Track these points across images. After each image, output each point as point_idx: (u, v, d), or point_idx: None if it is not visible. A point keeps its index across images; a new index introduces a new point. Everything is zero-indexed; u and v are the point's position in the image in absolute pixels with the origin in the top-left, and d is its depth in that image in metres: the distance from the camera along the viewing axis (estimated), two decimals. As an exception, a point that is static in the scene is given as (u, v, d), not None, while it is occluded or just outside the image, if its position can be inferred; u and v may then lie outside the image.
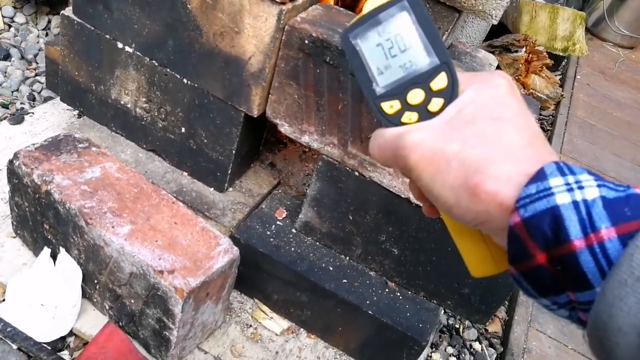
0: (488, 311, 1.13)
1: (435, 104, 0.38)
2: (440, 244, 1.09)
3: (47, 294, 1.05)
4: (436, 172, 0.35)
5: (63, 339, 1.05)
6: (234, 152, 1.17)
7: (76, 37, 1.20)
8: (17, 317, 1.03)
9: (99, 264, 1.00)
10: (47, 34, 1.83)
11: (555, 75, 2.78)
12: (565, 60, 3.05)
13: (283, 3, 0.95)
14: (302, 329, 1.22)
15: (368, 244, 1.17)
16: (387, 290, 1.18)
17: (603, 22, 3.62)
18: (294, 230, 1.23)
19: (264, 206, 1.27)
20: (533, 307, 1.51)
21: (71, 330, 1.05)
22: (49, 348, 1.02)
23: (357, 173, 1.09)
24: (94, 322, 1.07)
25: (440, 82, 0.39)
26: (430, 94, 0.39)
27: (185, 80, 1.13)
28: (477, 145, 0.34)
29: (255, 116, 1.10)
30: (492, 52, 2.18)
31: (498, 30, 2.37)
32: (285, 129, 1.10)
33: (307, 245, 1.21)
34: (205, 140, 1.19)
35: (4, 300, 1.07)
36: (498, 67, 1.89)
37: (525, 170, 0.33)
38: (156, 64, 1.14)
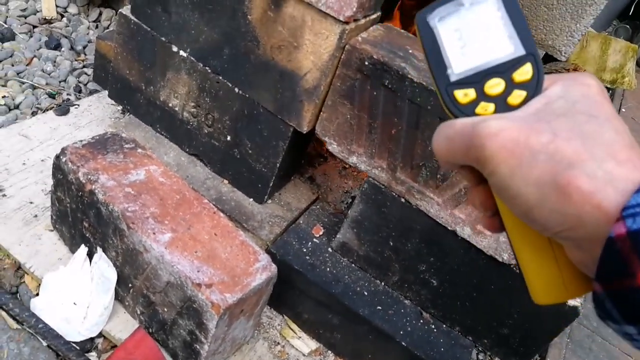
0: (527, 355, 1.08)
1: (517, 96, 0.35)
2: (482, 280, 1.05)
3: (80, 293, 1.04)
4: (518, 164, 0.31)
5: (92, 339, 1.04)
6: (277, 165, 1.15)
7: (131, 36, 1.19)
8: (48, 314, 1.03)
9: (136, 269, 0.99)
10: (97, 26, 1.84)
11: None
12: (610, 92, 2.97)
13: (347, 22, 0.93)
14: (330, 352, 1.19)
15: (406, 271, 1.13)
16: (421, 321, 1.14)
17: (652, 55, 3.52)
18: (330, 250, 1.21)
19: (301, 221, 1.25)
20: (567, 349, 1.45)
21: (100, 332, 1.04)
22: (78, 348, 1.01)
23: (403, 199, 1.05)
24: (123, 325, 1.06)
25: (524, 73, 0.35)
26: (511, 85, 0.35)
27: (236, 90, 1.11)
28: (570, 138, 0.30)
29: (304, 132, 1.08)
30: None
31: (545, 57, 2.31)
32: (333, 147, 1.08)
33: (343, 267, 1.19)
34: (250, 151, 1.17)
35: (37, 294, 1.07)
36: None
37: (630, 175, 0.28)
38: (209, 70, 1.13)
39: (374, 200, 1.09)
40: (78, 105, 1.48)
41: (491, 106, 0.35)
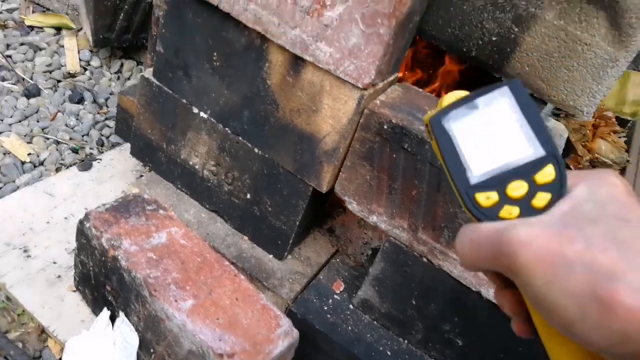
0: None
1: (541, 198, 0.34)
2: (510, 343, 1.03)
3: (103, 358, 1.04)
4: (553, 275, 0.29)
5: (114, 404, 1.04)
6: (297, 223, 1.15)
7: (153, 98, 1.22)
8: (72, 379, 1.03)
9: (158, 335, 0.99)
10: (118, 77, 1.89)
11: (620, 137, 2.67)
12: (631, 123, 2.93)
13: (365, 88, 0.93)
14: (353, 414, 1.16)
15: (430, 330, 1.11)
16: (446, 382, 1.11)
17: (672, 84, 3.47)
18: (351, 307, 1.19)
19: (321, 277, 1.24)
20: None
21: (123, 397, 1.04)
22: (100, 414, 1.00)
23: (425, 259, 1.04)
24: (145, 390, 1.05)
25: (546, 175, 0.34)
26: (534, 187, 0.34)
27: (256, 150, 1.12)
28: (606, 248, 0.29)
29: (324, 192, 1.08)
30: (558, 116, 2.12)
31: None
32: (353, 207, 1.08)
33: (365, 324, 1.17)
34: (270, 209, 1.17)
35: (60, 359, 1.07)
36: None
37: None
38: (229, 131, 1.14)
39: (395, 260, 1.08)
40: (100, 159, 1.51)
41: (515, 209, 0.35)
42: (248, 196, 1.19)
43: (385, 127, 0.96)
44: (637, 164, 2.66)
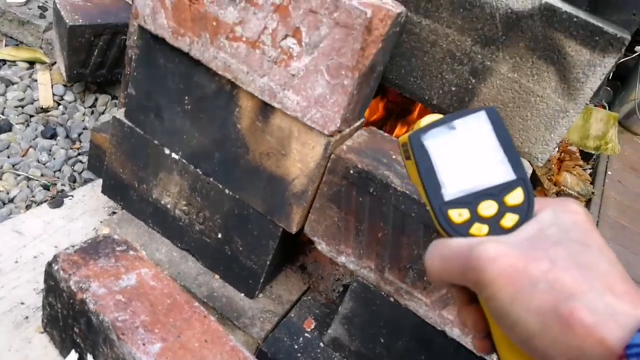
0: None
1: (509, 219, 0.36)
2: (474, 381, 1.05)
3: (69, 402, 1.03)
4: (517, 291, 0.31)
5: None
6: (268, 262, 1.17)
7: (125, 138, 1.23)
8: None
9: (126, 379, 0.98)
10: (92, 112, 1.90)
11: (585, 170, 2.77)
12: (595, 157, 3.04)
13: (331, 135, 0.97)
14: None
15: (398, 369, 1.13)
16: (415, 420, 1.13)
17: (634, 115, 3.63)
18: (322, 344, 1.21)
19: (292, 315, 1.25)
20: None
21: None
22: None
23: (392, 299, 1.07)
24: None
25: (515, 197, 0.36)
26: (503, 208, 0.36)
27: (227, 191, 1.14)
28: (568, 268, 0.30)
29: (294, 233, 1.10)
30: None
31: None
32: (322, 247, 1.10)
33: (335, 363, 1.18)
34: (241, 248, 1.19)
35: (25, 404, 1.05)
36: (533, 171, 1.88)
37: (630, 311, 0.29)
38: (200, 172, 1.16)
39: (363, 298, 1.11)
40: (72, 196, 1.51)
41: (485, 227, 0.36)
42: (219, 236, 1.21)
43: (352, 171, 0.99)
44: (601, 195, 2.76)
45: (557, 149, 2.28)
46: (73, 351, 1.07)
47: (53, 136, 1.71)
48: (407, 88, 1.04)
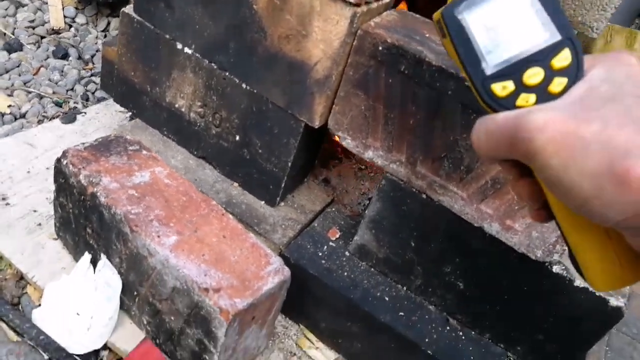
0: (565, 362, 0.99)
1: (557, 84, 0.34)
2: (514, 281, 0.97)
3: (84, 303, 0.99)
4: (570, 156, 0.29)
5: (96, 352, 0.98)
6: (289, 164, 1.09)
7: (135, 35, 1.15)
8: (51, 325, 0.97)
9: (141, 275, 0.93)
10: (105, 36, 1.82)
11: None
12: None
13: (357, 5, 0.87)
14: (350, 363, 1.11)
15: (430, 274, 1.05)
16: (448, 328, 1.06)
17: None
18: (347, 253, 1.14)
19: (316, 224, 1.18)
20: (606, 357, 1.35)
21: (105, 344, 0.98)
22: (82, 361, 0.95)
23: (424, 196, 0.98)
24: (130, 336, 0.99)
25: (563, 59, 0.34)
26: (551, 72, 0.34)
27: (244, 86, 1.06)
28: (622, 126, 0.29)
29: (316, 127, 1.02)
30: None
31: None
32: (347, 142, 1.02)
33: (361, 271, 1.11)
34: (260, 150, 1.11)
35: (39, 305, 1.01)
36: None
37: None
38: (215, 67, 1.08)
39: (392, 198, 1.02)
40: (85, 113, 1.45)
41: (532, 97, 0.34)
42: (237, 138, 1.13)
43: (380, 48, 0.89)
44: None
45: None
46: (86, 253, 1.02)
47: (65, 56, 1.64)
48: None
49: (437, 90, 0.87)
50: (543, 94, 0.34)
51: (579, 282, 0.90)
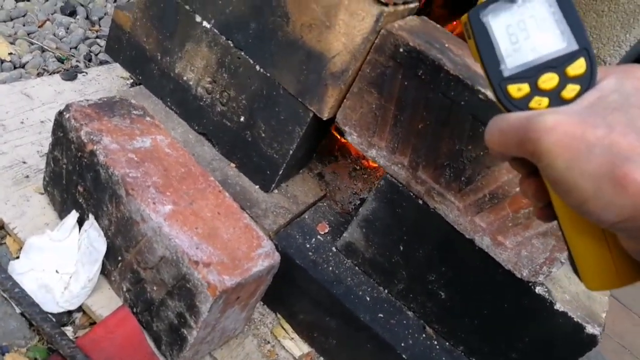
0: (534, 383, 1.01)
1: (570, 90, 0.36)
2: (496, 297, 0.98)
3: (64, 262, 0.96)
4: (574, 158, 0.31)
5: (70, 313, 0.96)
6: (291, 152, 1.09)
7: (154, 1, 1.14)
8: (27, 279, 0.95)
9: (129, 241, 0.92)
10: (115, 0, 1.79)
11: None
12: None
13: (386, 4, 0.88)
14: (322, 359, 1.11)
15: (413, 280, 1.07)
16: (424, 335, 1.07)
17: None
18: (334, 249, 1.14)
19: (306, 216, 1.18)
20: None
21: (80, 306, 0.96)
22: (54, 320, 0.92)
23: (421, 201, 0.99)
24: (106, 301, 0.98)
25: (577, 67, 0.36)
26: (565, 79, 0.36)
27: (257, 67, 1.06)
28: (626, 133, 0.31)
29: (325, 119, 1.02)
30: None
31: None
32: (353, 138, 1.02)
33: (346, 268, 1.12)
34: (264, 135, 1.11)
35: (17, 257, 0.99)
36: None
37: None
38: (232, 44, 1.07)
39: (389, 199, 1.03)
40: (86, 73, 1.42)
41: (545, 100, 0.36)
42: (242, 119, 1.13)
43: (401, 50, 0.90)
44: None
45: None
46: (74, 211, 1.00)
47: (72, 14, 1.61)
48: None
49: (451, 99, 0.88)
50: (556, 99, 0.36)
51: (559, 305, 0.93)
